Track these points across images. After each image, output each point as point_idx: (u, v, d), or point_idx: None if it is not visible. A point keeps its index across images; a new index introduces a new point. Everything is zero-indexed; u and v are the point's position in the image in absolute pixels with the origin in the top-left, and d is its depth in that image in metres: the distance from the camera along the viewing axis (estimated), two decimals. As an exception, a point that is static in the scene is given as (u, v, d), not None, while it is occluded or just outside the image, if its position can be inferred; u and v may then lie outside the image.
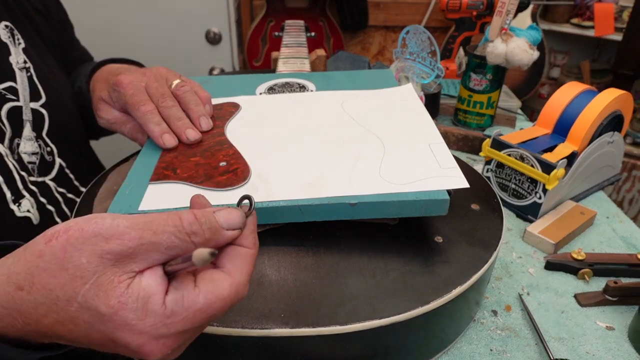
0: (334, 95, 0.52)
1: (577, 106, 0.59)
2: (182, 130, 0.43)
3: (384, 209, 0.36)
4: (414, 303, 0.33)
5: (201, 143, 0.43)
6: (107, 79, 0.52)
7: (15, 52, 0.48)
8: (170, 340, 0.23)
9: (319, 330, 0.31)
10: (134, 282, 0.23)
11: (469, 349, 0.41)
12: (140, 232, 0.23)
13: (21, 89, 0.47)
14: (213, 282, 0.24)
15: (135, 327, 0.22)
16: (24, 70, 0.48)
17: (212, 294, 0.24)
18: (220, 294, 0.24)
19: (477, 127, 0.83)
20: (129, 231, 0.23)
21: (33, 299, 0.23)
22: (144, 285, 0.23)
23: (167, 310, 0.23)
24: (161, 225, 0.23)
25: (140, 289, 0.23)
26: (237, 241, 0.26)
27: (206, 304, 0.24)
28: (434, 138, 0.43)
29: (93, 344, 0.24)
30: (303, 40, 0.80)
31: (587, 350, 0.41)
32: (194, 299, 0.23)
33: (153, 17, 1.36)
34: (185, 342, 0.25)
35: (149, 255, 0.23)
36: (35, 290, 0.23)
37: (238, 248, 0.26)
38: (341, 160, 0.40)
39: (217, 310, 0.24)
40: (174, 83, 0.46)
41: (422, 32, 0.69)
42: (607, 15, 1.53)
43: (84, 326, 0.23)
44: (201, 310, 0.23)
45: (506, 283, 0.49)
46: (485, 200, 0.45)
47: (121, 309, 0.22)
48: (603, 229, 0.58)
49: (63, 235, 0.23)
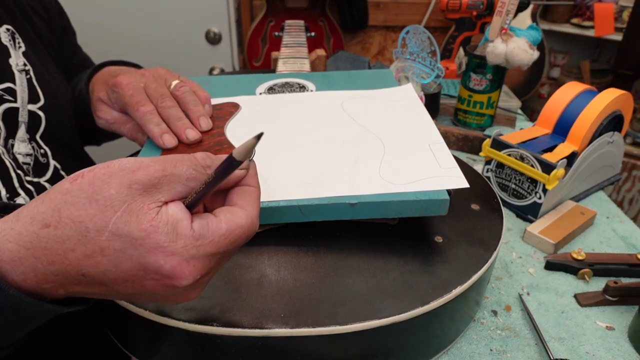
0: (334, 95, 0.52)
1: (577, 106, 0.59)
2: (181, 130, 0.43)
3: (383, 209, 0.36)
4: (414, 303, 0.33)
5: (201, 143, 0.43)
6: (106, 80, 0.52)
7: (15, 55, 0.48)
8: (199, 262, 0.24)
9: (318, 330, 0.31)
10: (162, 210, 0.24)
11: (469, 349, 0.41)
12: (162, 165, 0.25)
13: (20, 90, 0.47)
14: (231, 213, 0.26)
15: (168, 249, 0.23)
16: (23, 72, 0.48)
17: (232, 222, 0.26)
18: (239, 221, 0.26)
19: (477, 127, 0.83)
20: (152, 164, 0.25)
21: (60, 233, 0.23)
22: (171, 212, 0.24)
23: (195, 233, 0.24)
24: (179, 160, 0.26)
25: (169, 216, 0.24)
26: (243, 181, 0.29)
27: (229, 230, 0.25)
28: (433, 138, 0.43)
29: (120, 278, 0.24)
30: (303, 40, 0.80)
31: (587, 350, 0.41)
32: (217, 224, 0.25)
33: (153, 17, 1.36)
34: (210, 272, 0.26)
35: (172, 186, 0.25)
36: (63, 225, 0.23)
37: (245, 187, 0.28)
38: (341, 160, 0.40)
39: (238, 237, 0.26)
40: (173, 84, 0.46)
41: (422, 32, 0.69)
42: (607, 15, 1.53)
43: (113, 256, 0.23)
44: (225, 235, 0.25)
45: (506, 283, 0.49)
46: (485, 200, 0.45)
47: (153, 232, 0.23)
48: (603, 229, 0.58)
49: (89, 174, 0.24)
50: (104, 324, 0.40)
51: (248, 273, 0.35)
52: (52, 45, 0.57)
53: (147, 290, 0.25)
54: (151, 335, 0.34)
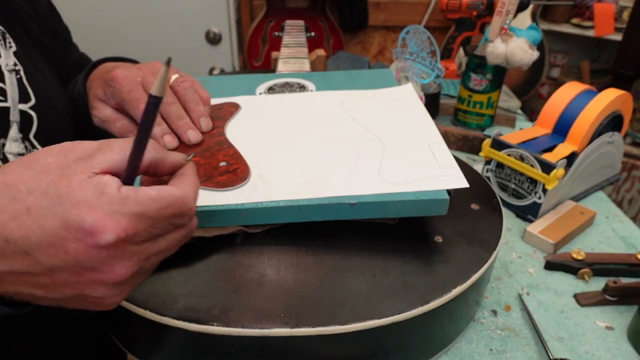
0: (334, 95, 0.52)
1: (576, 106, 0.59)
2: (183, 130, 0.42)
3: (383, 209, 0.36)
4: (413, 303, 0.33)
5: (201, 143, 0.43)
6: (103, 76, 0.51)
7: (6, 55, 0.48)
8: (124, 220, 0.24)
9: (318, 330, 0.31)
10: (95, 177, 0.25)
11: (468, 348, 0.41)
12: (100, 142, 0.27)
13: (10, 90, 0.47)
14: (164, 186, 0.27)
15: (91, 203, 0.24)
16: (13, 72, 0.48)
17: (163, 190, 0.26)
18: (170, 191, 0.26)
19: (477, 127, 0.83)
20: (90, 143, 0.27)
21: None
22: (103, 179, 0.25)
23: (122, 193, 0.25)
24: (114, 140, 0.27)
25: (99, 180, 0.25)
26: (180, 171, 0.30)
27: (158, 195, 0.26)
28: (433, 138, 0.43)
29: (43, 243, 0.24)
30: (303, 40, 0.80)
31: (586, 350, 0.41)
32: (147, 190, 0.26)
33: (153, 17, 1.36)
34: (143, 244, 0.26)
35: (106, 154, 0.26)
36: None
37: (181, 175, 0.30)
38: (341, 160, 0.40)
39: (168, 205, 0.26)
40: (173, 77, 0.44)
41: (422, 32, 0.69)
42: (607, 15, 1.53)
43: (39, 214, 0.24)
44: (154, 198, 0.25)
45: (506, 283, 0.49)
46: (485, 200, 0.45)
47: (80, 189, 0.24)
48: (603, 229, 0.58)
49: (30, 154, 0.26)
50: (104, 323, 0.40)
51: (248, 273, 0.35)
52: (44, 45, 0.56)
53: (71, 258, 0.24)
54: (151, 335, 0.34)
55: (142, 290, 0.33)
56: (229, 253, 0.37)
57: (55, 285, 0.25)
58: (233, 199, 0.36)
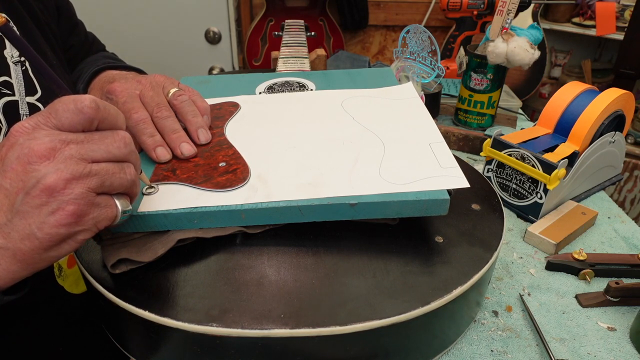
0: (334, 94, 0.52)
1: (578, 106, 0.59)
2: (176, 143, 0.41)
3: (384, 209, 0.36)
4: (414, 303, 0.33)
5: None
6: (102, 86, 0.51)
7: (10, 46, 0.48)
8: (39, 116, 0.28)
9: (318, 331, 0.31)
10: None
11: (469, 349, 0.41)
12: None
13: (16, 83, 0.47)
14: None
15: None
16: (18, 64, 0.47)
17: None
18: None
19: (477, 127, 0.82)
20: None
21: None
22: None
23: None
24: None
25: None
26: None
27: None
28: (434, 137, 0.43)
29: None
30: (303, 39, 0.80)
31: (588, 351, 0.41)
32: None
33: (153, 17, 1.36)
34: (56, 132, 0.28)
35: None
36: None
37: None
38: (341, 160, 0.40)
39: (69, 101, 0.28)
40: (171, 91, 0.44)
41: (422, 32, 0.68)
42: (608, 15, 1.53)
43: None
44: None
45: (507, 283, 0.49)
46: (485, 200, 0.45)
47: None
48: (604, 229, 0.58)
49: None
50: (103, 324, 0.40)
51: (248, 273, 0.35)
52: (49, 27, 0.55)
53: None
54: (150, 336, 0.33)
55: (141, 291, 0.33)
56: (228, 253, 0.37)
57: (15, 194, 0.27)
58: (233, 199, 0.36)
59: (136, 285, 0.34)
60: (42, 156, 0.27)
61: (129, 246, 0.35)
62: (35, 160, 0.27)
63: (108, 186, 0.29)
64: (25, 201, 0.27)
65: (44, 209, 0.27)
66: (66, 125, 0.28)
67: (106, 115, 0.30)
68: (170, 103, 0.44)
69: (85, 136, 0.29)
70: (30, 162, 0.27)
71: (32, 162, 0.27)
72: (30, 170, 0.27)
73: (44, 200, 0.27)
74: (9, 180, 0.27)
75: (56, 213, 0.27)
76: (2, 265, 0.28)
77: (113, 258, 0.34)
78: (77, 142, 0.28)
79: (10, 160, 0.27)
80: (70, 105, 0.28)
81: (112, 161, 0.30)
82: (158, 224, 0.36)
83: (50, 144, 0.27)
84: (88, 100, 0.29)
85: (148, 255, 0.35)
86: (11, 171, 0.27)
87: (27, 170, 0.27)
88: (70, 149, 0.28)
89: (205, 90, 0.53)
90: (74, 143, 0.28)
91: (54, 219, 0.27)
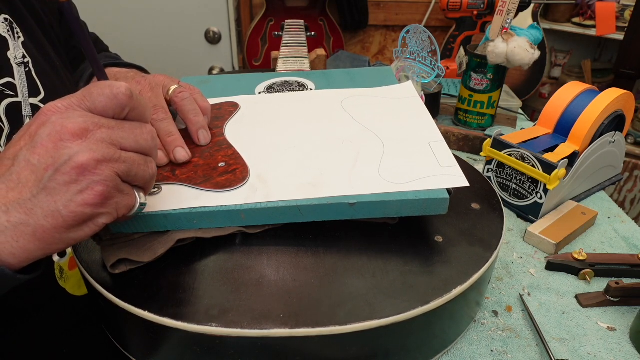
0: (334, 93, 0.52)
1: (578, 106, 0.59)
2: (170, 148, 0.40)
3: (383, 209, 0.36)
4: (414, 303, 0.33)
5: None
6: None
7: (14, 47, 0.48)
8: (73, 98, 0.29)
9: (318, 331, 0.31)
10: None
11: (469, 349, 0.41)
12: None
13: (19, 84, 0.47)
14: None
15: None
16: (22, 65, 0.47)
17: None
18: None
19: (477, 127, 0.82)
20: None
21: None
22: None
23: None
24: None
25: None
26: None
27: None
28: (433, 136, 0.43)
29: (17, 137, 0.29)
30: (303, 39, 0.80)
31: (588, 351, 0.41)
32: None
33: (153, 17, 1.36)
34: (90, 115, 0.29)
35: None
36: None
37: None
38: (340, 160, 0.40)
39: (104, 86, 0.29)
40: (172, 89, 0.44)
41: (422, 32, 0.68)
42: (608, 15, 1.53)
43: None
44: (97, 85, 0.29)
45: (507, 283, 0.49)
46: (485, 199, 0.45)
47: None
48: (604, 229, 0.58)
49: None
50: (103, 325, 0.40)
51: (247, 273, 0.35)
52: (52, 27, 0.56)
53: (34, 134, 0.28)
54: (150, 336, 0.33)
55: (141, 291, 0.33)
56: (228, 254, 0.37)
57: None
58: (232, 199, 0.36)
59: (136, 285, 0.34)
60: (75, 135, 0.27)
61: (128, 246, 0.35)
62: (69, 137, 0.27)
63: (133, 176, 0.30)
64: (54, 178, 0.27)
65: (73, 187, 0.27)
66: (99, 109, 0.29)
67: (137, 105, 0.30)
68: (171, 100, 0.43)
69: (116, 123, 0.29)
70: (62, 139, 0.27)
71: (64, 139, 0.27)
72: (62, 147, 0.27)
73: (74, 178, 0.27)
74: (37, 156, 0.27)
75: (85, 192, 0.27)
76: (20, 243, 0.27)
77: (113, 258, 0.34)
78: (108, 127, 0.29)
79: (41, 137, 0.27)
80: (106, 90, 0.29)
81: (139, 152, 0.30)
82: (158, 224, 0.36)
83: (83, 124, 0.27)
84: (124, 87, 0.29)
85: (148, 256, 0.35)
86: (41, 147, 0.27)
87: (58, 147, 0.27)
88: (102, 132, 0.28)
89: (205, 90, 0.52)
90: (106, 127, 0.28)
91: (81, 197, 0.27)
